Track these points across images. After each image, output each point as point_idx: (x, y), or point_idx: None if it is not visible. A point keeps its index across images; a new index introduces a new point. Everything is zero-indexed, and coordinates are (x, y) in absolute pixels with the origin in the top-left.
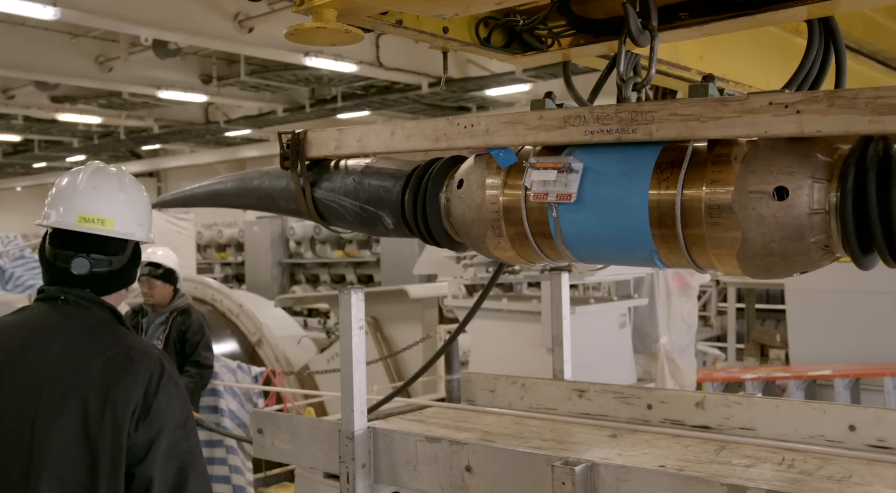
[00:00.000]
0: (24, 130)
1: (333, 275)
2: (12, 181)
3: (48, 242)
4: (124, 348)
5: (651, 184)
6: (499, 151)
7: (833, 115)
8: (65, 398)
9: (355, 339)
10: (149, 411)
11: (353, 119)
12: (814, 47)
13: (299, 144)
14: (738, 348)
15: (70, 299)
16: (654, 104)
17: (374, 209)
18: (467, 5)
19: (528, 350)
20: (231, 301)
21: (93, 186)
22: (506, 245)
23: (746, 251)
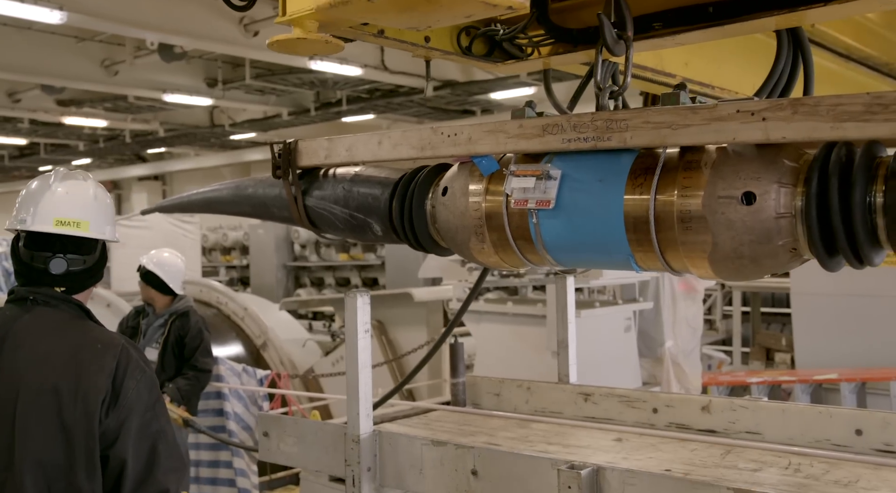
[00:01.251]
0: (30, 133)
1: (338, 278)
2: (18, 184)
3: (23, 246)
4: (91, 341)
5: (626, 190)
6: (481, 159)
7: (797, 122)
8: (40, 392)
9: (361, 342)
10: (117, 398)
11: (358, 123)
12: (782, 56)
13: (291, 154)
14: (744, 352)
15: (39, 298)
16: (628, 112)
17: (363, 216)
18: (438, 18)
19: (533, 354)
20: (236, 304)
21: (66, 191)
22: (489, 250)
23: (717, 254)
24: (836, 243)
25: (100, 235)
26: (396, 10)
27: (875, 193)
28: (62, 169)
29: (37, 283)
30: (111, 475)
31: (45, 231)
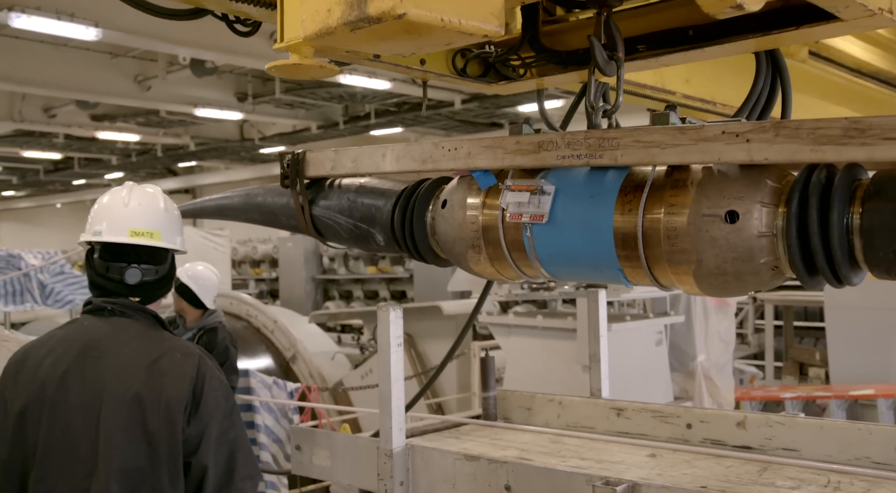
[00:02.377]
0: (64, 148)
1: (366, 291)
2: (52, 198)
3: (98, 257)
4: (170, 350)
5: (616, 207)
6: (479, 174)
7: (779, 144)
8: (123, 401)
9: (394, 356)
10: (198, 406)
11: (386, 136)
12: (761, 77)
13: (299, 164)
14: (777, 367)
15: (116, 309)
16: (619, 131)
17: (367, 227)
18: (419, 46)
19: (564, 368)
20: (266, 317)
21: (138, 203)
22: (485, 262)
23: (702, 271)
24: (815, 263)
25: (171, 245)
26: (377, 39)
27: (853, 214)
28: (131, 182)
29: (112, 293)
30: (193, 481)
31: (121, 241)
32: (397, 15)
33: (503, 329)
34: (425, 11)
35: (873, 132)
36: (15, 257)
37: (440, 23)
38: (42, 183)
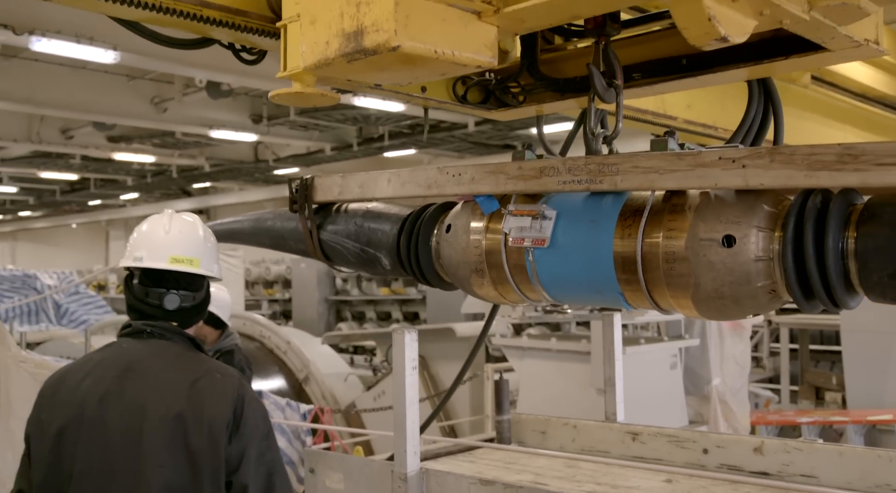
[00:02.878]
0: (81, 168)
1: (379, 312)
2: (68, 218)
3: (138, 282)
4: (210, 371)
5: (615, 231)
6: (482, 199)
7: (774, 169)
8: (166, 419)
9: (408, 379)
10: (238, 426)
11: (400, 157)
12: (753, 104)
13: (307, 190)
14: (792, 391)
15: (156, 332)
16: (618, 157)
17: (373, 251)
18: (415, 76)
19: (578, 391)
20: (279, 338)
21: (179, 231)
22: (488, 286)
23: (700, 295)
24: (811, 287)
25: (209, 273)
26: (374, 69)
27: (848, 238)
28: (170, 210)
29: (151, 317)
30: None
31: (161, 268)
32: (392, 47)
33: (517, 352)
34: (419, 44)
35: (866, 158)
36: (31, 277)
37: (434, 54)
38: (58, 203)
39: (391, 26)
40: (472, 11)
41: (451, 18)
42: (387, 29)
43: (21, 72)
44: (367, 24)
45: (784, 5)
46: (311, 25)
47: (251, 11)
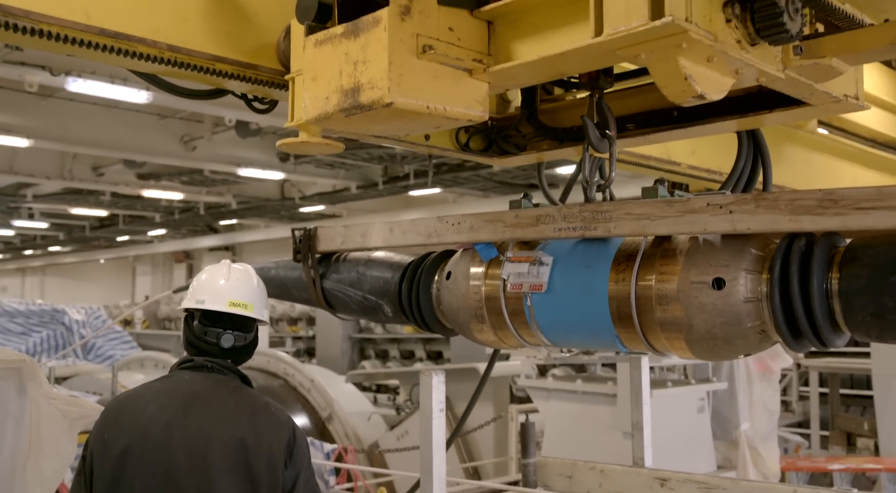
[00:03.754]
0: (110, 205)
1: (403, 351)
2: (96, 254)
3: (198, 322)
4: (265, 404)
5: (610, 276)
6: (481, 246)
7: (760, 214)
8: (230, 444)
9: (436, 421)
10: (292, 453)
11: (425, 196)
12: (742, 154)
13: (310, 240)
14: (823, 436)
15: (215, 367)
16: (612, 204)
17: (375, 299)
18: (410, 129)
19: (603, 433)
20: (302, 376)
21: (236, 279)
22: (488, 331)
23: (692, 336)
24: (798, 326)
25: (260, 317)
26: (370, 122)
27: (832, 279)
28: (227, 260)
29: (208, 354)
30: None
31: (221, 310)
32: (385, 103)
33: (542, 393)
34: (411, 100)
35: (845, 203)
36: (59, 312)
37: (426, 110)
38: (87, 239)
39: (385, 84)
40: (464, 69)
41: (443, 76)
42: (381, 86)
43: (56, 111)
44: (363, 81)
45: (758, 65)
46: (312, 81)
47: (262, 65)
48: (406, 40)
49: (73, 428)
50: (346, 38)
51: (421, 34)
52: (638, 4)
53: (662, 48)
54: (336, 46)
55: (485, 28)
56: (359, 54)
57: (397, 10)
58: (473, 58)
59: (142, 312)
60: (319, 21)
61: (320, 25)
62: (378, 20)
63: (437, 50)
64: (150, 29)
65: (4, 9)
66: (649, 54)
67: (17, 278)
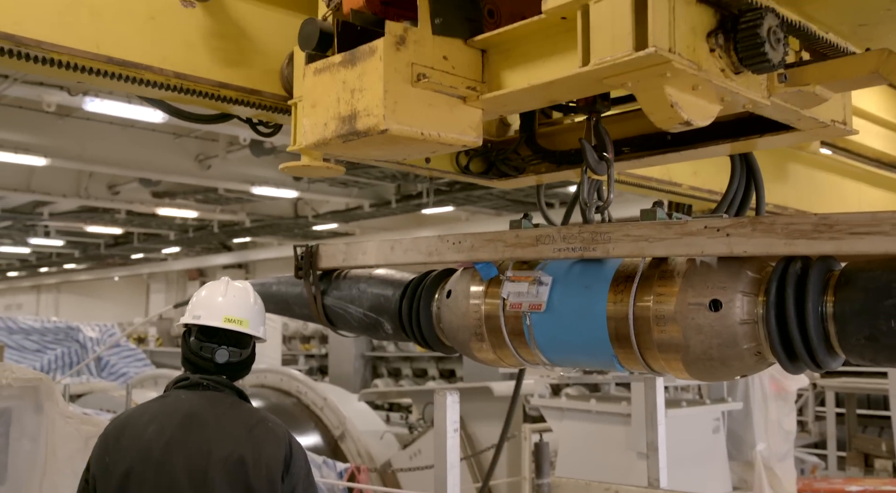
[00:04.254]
0: (125, 223)
1: (415, 369)
2: (111, 271)
3: (195, 338)
4: (262, 419)
5: (608, 296)
6: (482, 265)
7: (756, 238)
8: (229, 462)
9: (450, 441)
10: (289, 467)
11: (438, 214)
12: (735, 177)
13: (312, 257)
14: (840, 457)
15: (210, 384)
16: (611, 226)
17: (376, 316)
18: (407, 153)
19: (618, 453)
20: (315, 394)
21: (233, 295)
22: (487, 349)
23: (689, 356)
24: (794, 349)
25: (255, 333)
26: (367, 148)
27: (827, 303)
28: (227, 278)
29: (203, 370)
30: None
31: (216, 326)
32: (381, 130)
33: (555, 413)
34: (406, 127)
35: (840, 227)
36: (74, 330)
37: (420, 136)
38: (102, 257)
39: (380, 112)
40: (458, 96)
41: (437, 103)
42: (376, 114)
43: (73, 130)
44: (359, 109)
45: (743, 93)
46: (312, 108)
47: (265, 91)
48: (401, 69)
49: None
50: (343, 67)
51: (416, 63)
52: (623, 35)
53: (648, 77)
54: (334, 75)
55: (479, 56)
56: (356, 82)
57: (392, 40)
58: (467, 85)
59: (156, 329)
60: (320, 49)
61: (320, 54)
62: (374, 50)
63: (432, 78)
64: (157, 57)
65: (17, 39)
66: (635, 83)
67: (32, 296)
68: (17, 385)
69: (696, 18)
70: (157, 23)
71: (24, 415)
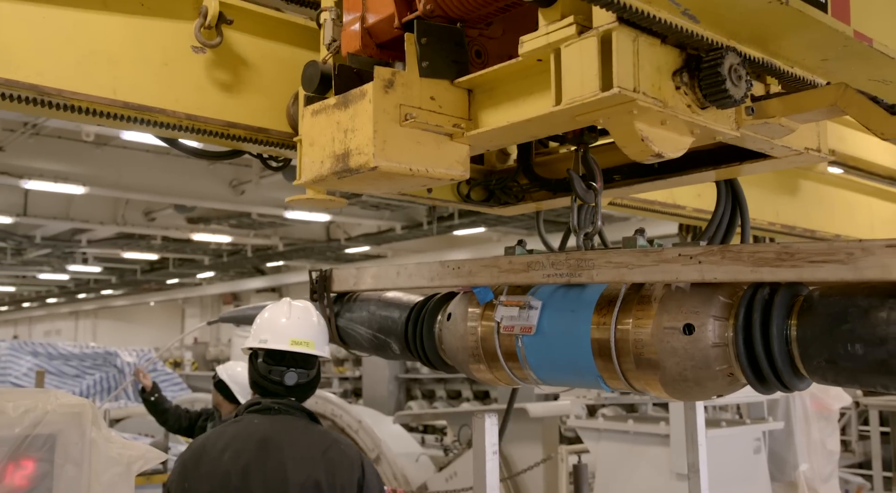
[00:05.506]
0: (161, 249)
1: (449, 390)
2: (146, 297)
3: (262, 361)
4: (335, 441)
5: (592, 320)
6: (479, 290)
7: (725, 265)
8: (306, 486)
9: (489, 464)
10: (362, 488)
11: (470, 236)
12: (721, 202)
13: (326, 281)
14: (886, 477)
15: (282, 408)
16: (595, 253)
17: (384, 337)
18: (400, 187)
19: (657, 475)
20: (350, 417)
21: (297, 317)
22: (484, 369)
23: (666, 378)
24: (761, 371)
25: (321, 353)
26: (361, 183)
27: (790, 326)
28: (288, 299)
29: (272, 394)
30: None
31: (283, 349)
32: (371, 167)
33: (592, 434)
34: (395, 163)
35: (800, 256)
36: (112, 355)
37: (409, 172)
38: (138, 282)
39: (370, 150)
40: (445, 134)
41: (425, 140)
42: (367, 152)
43: (110, 158)
44: (351, 147)
45: (711, 126)
46: (310, 147)
47: (272, 129)
48: (389, 110)
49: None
50: (337, 109)
51: (404, 104)
52: (590, 77)
53: (616, 114)
54: (329, 116)
55: (465, 95)
56: (348, 123)
57: (381, 83)
58: (454, 123)
59: (191, 353)
60: (321, 90)
61: (319, 96)
62: (364, 93)
63: (419, 118)
64: (170, 100)
65: (40, 89)
66: (606, 119)
67: (70, 321)
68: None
69: (662, 59)
70: (169, 68)
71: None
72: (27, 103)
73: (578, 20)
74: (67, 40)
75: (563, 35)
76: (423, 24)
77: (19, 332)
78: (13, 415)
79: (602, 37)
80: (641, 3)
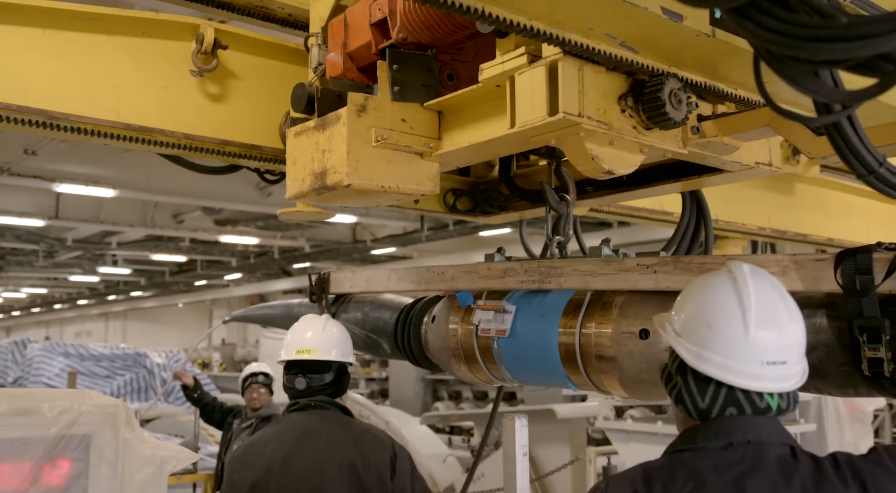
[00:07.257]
0: (189, 251)
1: (476, 392)
2: (175, 298)
3: (284, 370)
4: (366, 429)
5: (560, 324)
6: (461, 294)
7: (677, 275)
8: (342, 467)
9: (519, 466)
10: (394, 468)
11: (495, 236)
12: (686, 212)
13: (323, 283)
14: None
15: (318, 404)
16: (563, 261)
17: (376, 337)
18: (378, 202)
19: None
20: (377, 418)
21: (302, 329)
22: (464, 369)
23: (625, 379)
24: None
25: (327, 357)
26: (339, 199)
27: None
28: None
29: (293, 398)
30: None
31: (290, 359)
32: (345, 185)
33: (621, 435)
34: (367, 181)
35: None
36: (142, 356)
37: (381, 189)
38: (167, 284)
39: (344, 169)
40: (416, 153)
41: (396, 159)
42: (341, 171)
43: (140, 162)
44: (328, 166)
45: (658, 145)
46: (293, 165)
47: (265, 146)
48: (362, 132)
49: (162, 471)
50: (316, 131)
51: (376, 126)
52: (539, 103)
53: (566, 136)
54: (309, 137)
55: (436, 117)
56: (326, 144)
57: (354, 108)
58: (424, 143)
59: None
60: (308, 111)
61: (304, 117)
62: (339, 117)
63: (390, 139)
64: (169, 121)
65: (49, 114)
66: (558, 140)
67: (101, 323)
68: (96, 412)
69: (607, 85)
70: (169, 91)
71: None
72: (37, 127)
73: (530, 50)
74: (73, 67)
75: (516, 64)
76: (394, 51)
77: (51, 333)
78: (49, 416)
79: (549, 66)
80: (581, 37)
